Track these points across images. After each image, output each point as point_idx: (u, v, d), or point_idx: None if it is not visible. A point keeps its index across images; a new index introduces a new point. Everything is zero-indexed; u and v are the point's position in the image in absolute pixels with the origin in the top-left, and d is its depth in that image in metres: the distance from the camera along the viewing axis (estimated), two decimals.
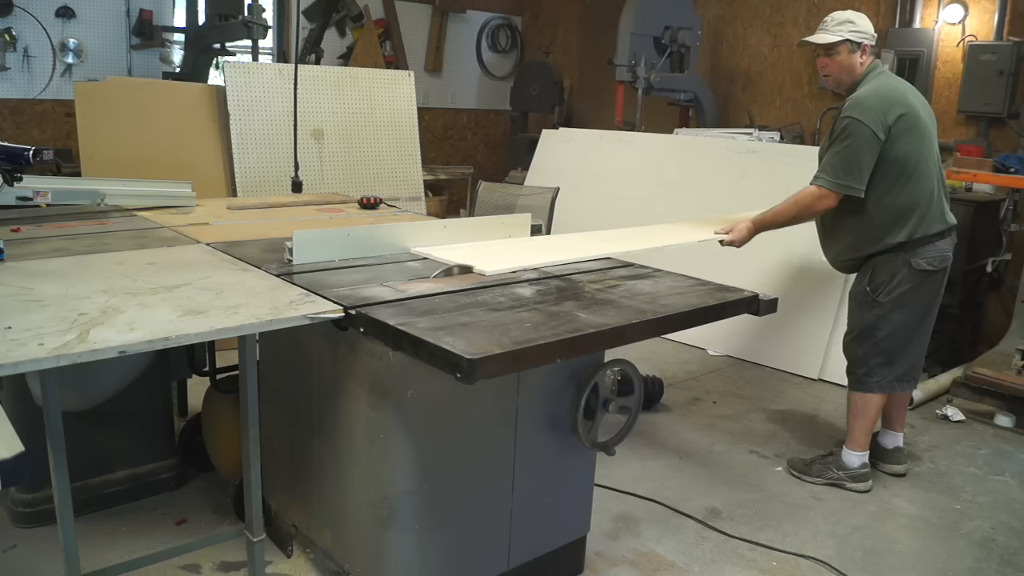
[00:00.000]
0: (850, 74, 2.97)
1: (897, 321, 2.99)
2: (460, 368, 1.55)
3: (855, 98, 2.89)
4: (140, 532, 2.63)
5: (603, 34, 7.17)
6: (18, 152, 2.42)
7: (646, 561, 2.62)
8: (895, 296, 2.96)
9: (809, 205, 2.93)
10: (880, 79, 2.94)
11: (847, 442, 3.17)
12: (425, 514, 2.06)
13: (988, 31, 5.11)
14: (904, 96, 2.90)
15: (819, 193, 2.89)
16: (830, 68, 2.99)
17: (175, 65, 5.94)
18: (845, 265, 3.13)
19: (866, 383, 3.08)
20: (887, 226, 2.91)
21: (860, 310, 3.06)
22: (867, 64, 2.97)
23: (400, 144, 5.05)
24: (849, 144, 2.82)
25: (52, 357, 1.44)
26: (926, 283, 2.97)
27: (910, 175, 2.87)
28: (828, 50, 2.96)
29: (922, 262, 2.92)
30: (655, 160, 5.48)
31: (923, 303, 3.02)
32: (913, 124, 2.86)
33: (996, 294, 5.14)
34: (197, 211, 3.12)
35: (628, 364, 2.30)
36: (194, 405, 3.22)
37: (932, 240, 2.93)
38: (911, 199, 2.89)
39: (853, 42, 2.92)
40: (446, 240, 2.61)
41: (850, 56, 2.94)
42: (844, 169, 2.84)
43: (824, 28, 2.98)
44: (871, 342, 3.04)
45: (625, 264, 2.51)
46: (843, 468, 3.15)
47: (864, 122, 2.80)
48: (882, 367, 3.05)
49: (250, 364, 2.03)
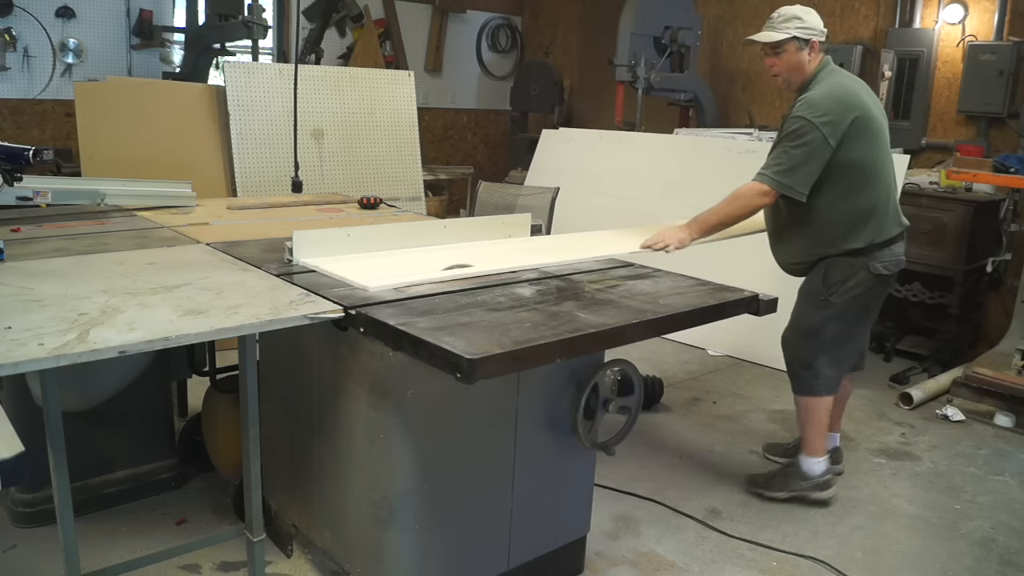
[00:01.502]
0: (799, 73, 2.84)
1: (847, 321, 2.91)
2: (460, 368, 1.55)
3: (808, 99, 2.75)
4: (140, 532, 2.63)
5: (603, 34, 7.17)
6: (18, 152, 2.42)
7: (646, 561, 2.62)
8: (848, 298, 2.85)
9: (748, 201, 2.77)
10: (833, 78, 2.81)
11: (805, 450, 3.05)
12: (425, 514, 2.06)
13: (988, 31, 5.11)
14: (858, 96, 2.78)
15: (759, 189, 2.74)
16: (778, 67, 2.86)
17: (175, 65, 5.94)
18: (796, 269, 2.99)
19: (814, 387, 2.96)
20: (843, 233, 2.80)
21: (810, 309, 2.93)
22: (817, 61, 2.84)
23: (400, 144, 5.05)
24: (798, 146, 2.69)
25: (52, 357, 1.44)
26: (879, 286, 2.89)
27: (867, 179, 2.77)
28: (775, 48, 2.82)
29: (879, 266, 2.83)
30: (655, 160, 5.48)
31: (874, 305, 2.97)
32: (867, 126, 2.75)
33: (996, 294, 5.14)
34: (197, 211, 3.12)
35: (628, 364, 2.30)
36: (194, 405, 3.22)
37: (888, 244, 2.83)
38: (868, 204, 2.79)
39: (801, 39, 2.78)
40: (446, 240, 2.61)
41: (798, 54, 2.80)
42: (789, 170, 2.70)
43: (770, 25, 2.84)
44: (817, 341, 2.93)
45: (625, 264, 2.51)
46: (806, 478, 3.03)
47: (816, 125, 2.67)
48: (828, 367, 2.94)
49: (250, 364, 2.03)
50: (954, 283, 4.70)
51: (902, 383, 4.38)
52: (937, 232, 4.69)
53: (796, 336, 3.01)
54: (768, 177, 2.73)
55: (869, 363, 4.63)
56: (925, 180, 4.84)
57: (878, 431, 3.80)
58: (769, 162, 2.77)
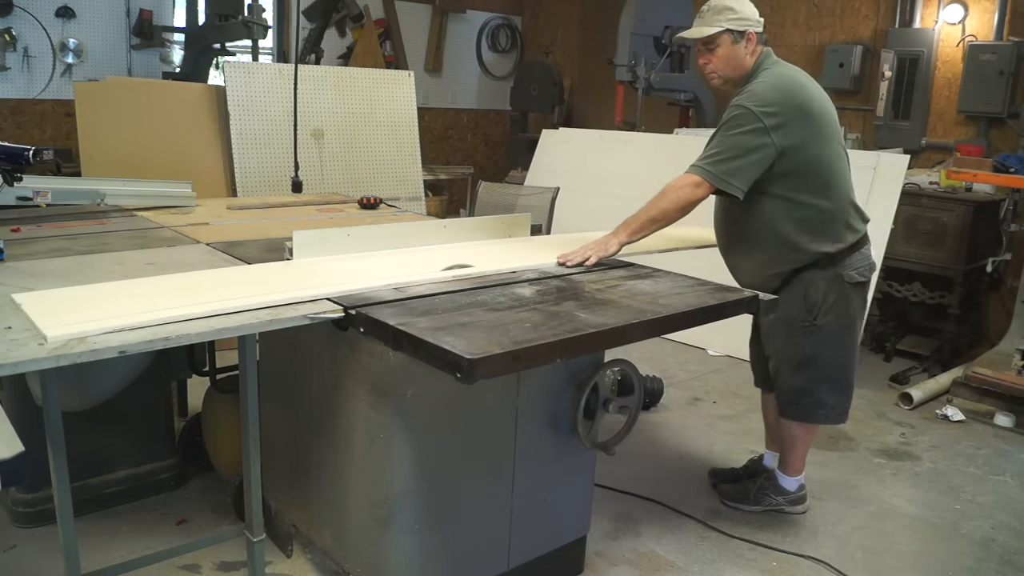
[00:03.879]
0: (737, 68, 2.60)
1: (839, 343, 2.67)
2: (460, 368, 1.55)
3: (751, 90, 2.51)
4: (140, 532, 2.63)
5: (603, 34, 7.17)
6: (18, 152, 2.42)
7: (646, 561, 2.62)
8: (834, 316, 2.61)
9: (679, 195, 2.44)
10: (777, 69, 2.59)
11: (784, 469, 2.91)
12: (425, 514, 2.06)
13: (988, 31, 5.11)
14: (805, 88, 2.54)
15: (692, 180, 2.44)
16: (713, 64, 2.61)
17: (175, 65, 5.94)
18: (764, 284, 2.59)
19: (815, 414, 2.74)
20: (809, 237, 2.56)
21: (795, 338, 2.66)
22: (756, 55, 2.60)
23: (400, 144, 5.05)
24: (735, 135, 2.44)
25: (52, 357, 1.44)
26: (858, 295, 2.66)
27: (825, 178, 2.54)
28: (707, 44, 2.59)
29: (854, 274, 2.61)
30: (655, 160, 5.48)
31: (858, 317, 2.72)
32: (818, 119, 2.51)
33: (996, 294, 5.14)
34: (197, 211, 3.12)
35: (628, 364, 2.30)
36: (194, 405, 3.22)
37: (858, 248, 2.62)
38: (833, 207, 2.57)
39: (735, 31, 2.54)
40: (446, 240, 2.61)
41: (733, 48, 2.56)
42: (724, 160, 2.43)
43: (701, 20, 2.59)
44: (813, 371, 2.68)
45: (625, 264, 2.51)
46: (782, 493, 2.92)
47: (758, 115, 2.42)
48: (831, 394, 2.72)
49: (250, 364, 2.03)
50: (954, 283, 4.70)
51: (902, 383, 4.39)
52: (937, 232, 4.69)
53: (789, 369, 2.73)
54: (701, 168, 2.46)
55: (869, 363, 4.68)
56: (925, 180, 4.84)
57: (878, 431, 3.80)
58: (703, 152, 2.51)
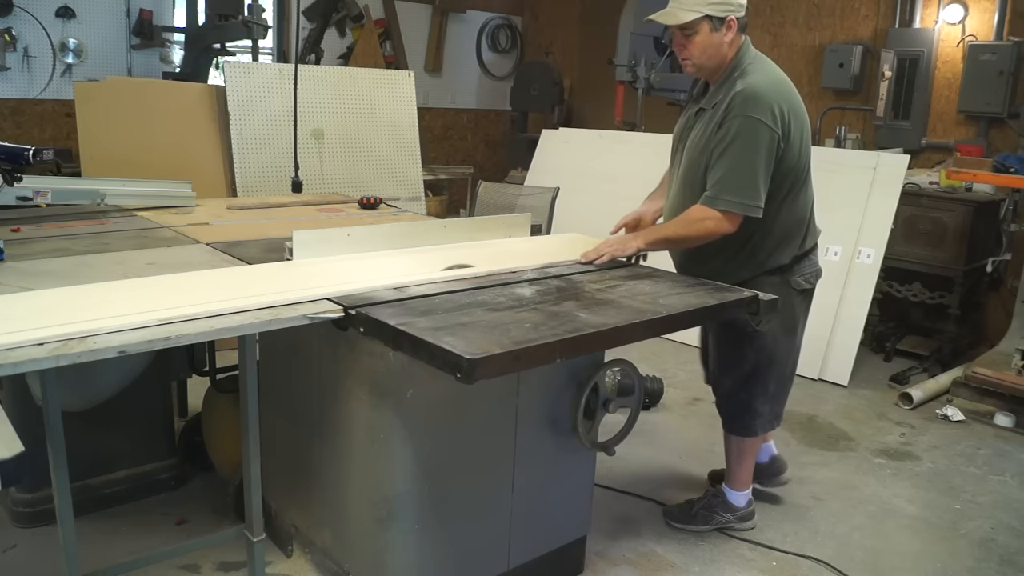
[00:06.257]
0: (714, 57, 2.39)
1: (780, 349, 2.57)
2: (460, 368, 1.55)
3: (749, 93, 2.31)
4: (140, 532, 2.63)
5: (603, 34, 7.18)
6: (18, 152, 2.42)
7: (646, 561, 2.62)
8: (776, 323, 2.49)
9: (704, 229, 2.34)
10: (767, 67, 2.42)
11: (731, 484, 2.81)
12: (425, 514, 2.06)
13: (988, 31, 5.11)
14: (792, 88, 2.42)
15: (723, 218, 2.31)
16: (689, 51, 2.40)
17: (175, 65, 5.94)
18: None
19: (752, 426, 2.67)
20: (773, 247, 2.46)
21: (739, 344, 2.56)
22: (736, 45, 2.40)
23: (400, 144, 5.05)
24: (750, 151, 2.29)
25: (52, 357, 1.44)
26: (803, 302, 2.58)
27: (802, 184, 2.45)
28: (684, 30, 2.38)
29: (801, 280, 2.52)
30: (655, 160, 5.47)
31: (800, 323, 2.62)
32: (802, 122, 2.40)
33: (996, 294, 5.14)
34: (197, 211, 3.12)
35: (628, 364, 2.30)
36: (194, 405, 3.22)
37: (809, 254, 2.54)
38: (802, 212, 2.49)
39: (715, 18, 2.34)
40: (446, 240, 2.61)
41: (712, 35, 2.36)
42: (749, 185, 2.30)
43: (678, 3, 2.38)
44: (761, 383, 2.59)
45: (625, 264, 2.51)
46: (731, 509, 2.80)
47: (768, 124, 2.28)
48: (766, 403, 2.64)
49: (250, 364, 2.03)
50: (954, 283, 4.71)
51: (902, 383, 4.39)
52: (937, 232, 4.69)
53: (729, 376, 2.66)
54: (733, 202, 2.31)
55: (869, 363, 4.68)
56: (925, 180, 4.84)
57: (878, 431, 3.80)
58: (723, 181, 2.32)
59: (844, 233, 4.50)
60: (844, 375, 4.38)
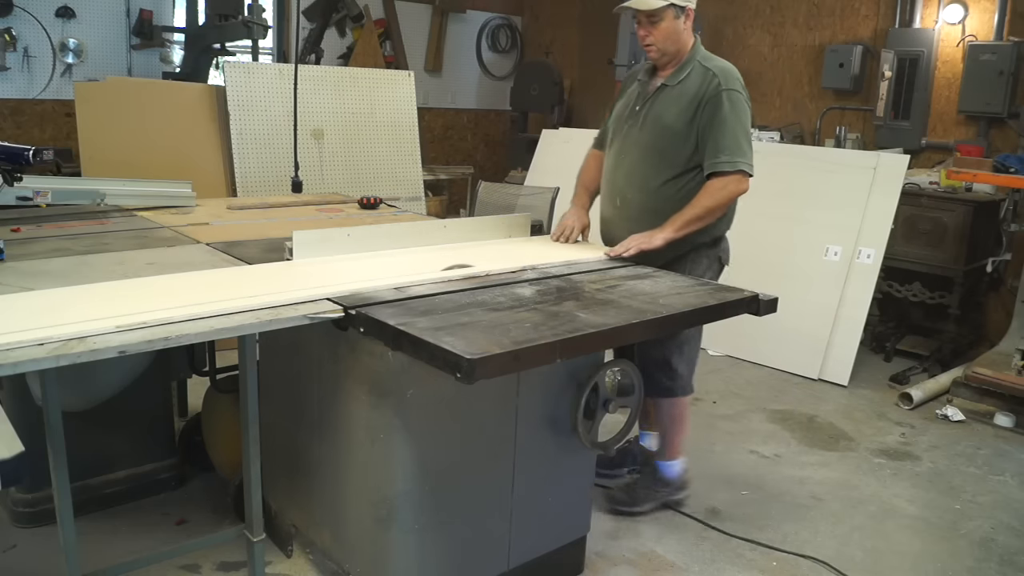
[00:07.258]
0: (676, 43, 2.63)
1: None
2: (460, 368, 1.55)
3: (729, 71, 2.62)
4: (140, 532, 2.63)
5: (603, 34, 7.17)
6: (18, 152, 2.42)
7: (646, 561, 2.62)
8: None
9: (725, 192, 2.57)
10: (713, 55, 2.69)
11: (666, 455, 2.90)
12: (425, 514, 2.06)
13: (988, 31, 5.11)
14: None
15: (742, 179, 2.56)
16: (653, 37, 2.62)
17: (175, 65, 5.94)
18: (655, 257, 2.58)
19: (674, 388, 2.79)
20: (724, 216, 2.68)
21: None
22: (691, 34, 2.66)
23: (400, 144, 5.05)
24: (742, 119, 2.57)
25: (52, 357, 1.44)
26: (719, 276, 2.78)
27: None
28: (651, 17, 2.60)
29: (723, 256, 2.77)
30: None
31: None
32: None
33: (996, 294, 5.14)
34: (197, 211, 3.12)
35: (628, 364, 2.30)
36: (194, 405, 3.22)
37: (725, 236, 2.78)
38: None
39: (678, 6, 2.58)
40: (446, 240, 2.61)
41: (674, 22, 2.60)
42: (750, 148, 2.58)
43: None
44: (674, 340, 2.73)
45: (625, 264, 2.51)
46: (668, 484, 2.91)
47: (745, 97, 2.60)
48: (684, 365, 2.79)
49: (250, 364, 2.03)
50: (954, 283, 4.71)
51: (902, 383, 4.39)
52: (937, 232, 4.69)
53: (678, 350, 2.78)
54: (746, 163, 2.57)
55: (869, 363, 4.68)
56: (925, 180, 4.84)
57: (878, 431, 3.80)
58: (729, 147, 2.56)
59: (844, 233, 4.50)
60: (844, 375, 4.38)
